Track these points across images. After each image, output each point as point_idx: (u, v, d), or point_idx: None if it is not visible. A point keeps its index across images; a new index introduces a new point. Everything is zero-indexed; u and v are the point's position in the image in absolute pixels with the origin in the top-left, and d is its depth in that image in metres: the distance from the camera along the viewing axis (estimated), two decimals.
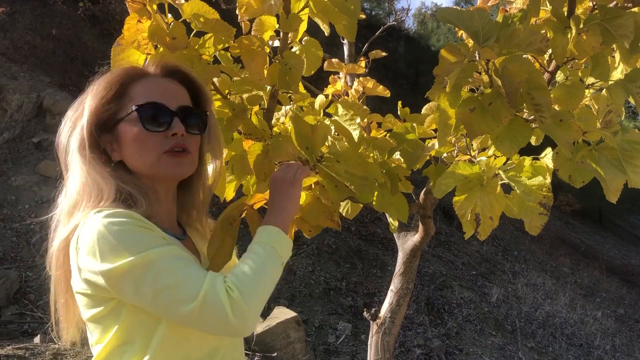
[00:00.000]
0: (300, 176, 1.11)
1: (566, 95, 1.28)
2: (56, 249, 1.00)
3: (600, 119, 1.30)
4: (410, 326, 5.30)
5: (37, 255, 4.65)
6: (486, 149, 1.57)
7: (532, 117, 1.24)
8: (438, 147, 1.51)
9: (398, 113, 1.76)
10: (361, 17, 1.33)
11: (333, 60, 1.91)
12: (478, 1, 1.71)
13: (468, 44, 1.29)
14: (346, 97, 1.91)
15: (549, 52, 1.29)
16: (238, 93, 1.38)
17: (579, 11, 1.28)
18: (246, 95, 1.40)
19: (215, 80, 1.35)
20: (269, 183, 1.13)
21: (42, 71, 6.60)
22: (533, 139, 1.42)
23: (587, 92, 1.40)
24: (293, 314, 4.06)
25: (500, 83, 1.14)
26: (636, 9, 1.24)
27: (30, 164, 5.65)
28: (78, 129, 1.01)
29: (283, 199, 1.08)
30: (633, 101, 1.28)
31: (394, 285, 2.09)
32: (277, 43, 1.35)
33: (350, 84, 1.99)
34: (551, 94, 1.24)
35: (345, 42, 2.91)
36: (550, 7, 1.26)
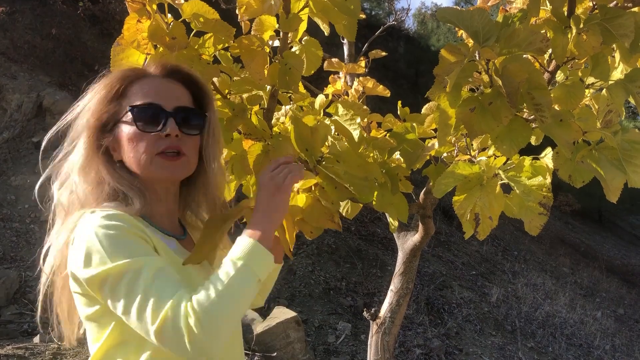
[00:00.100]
0: (290, 181, 1.02)
1: (566, 95, 1.28)
2: (57, 250, 1.01)
3: (600, 119, 1.30)
4: (410, 326, 5.29)
5: (37, 255, 4.63)
6: (486, 149, 1.57)
7: (532, 117, 1.24)
8: (438, 147, 1.52)
9: (398, 113, 1.76)
10: (361, 17, 1.33)
11: (333, 60, 1.91)
12: (478, 1, 1.71)
13: (468, 44, 1.29)
14: (346, 97, 1.90)
15: (549, 52, 1.29)
16: (238, 93, 1.38)
17: (579, 11, 1.28)
18: (246, 95, 1.40)
19: (215, 80, 1.35)
20: (258, 181, 1.05)
21: (42, 71, 6.60)
22: (533, 139, 1.42)
23: (587, 92, 1.40)
24: (293, 314, 4.06)
25: (500, 83, 1.14)
26: (636, 9, 1.24)
27: (30, 164, 5.65)
28: (80, 129, 1.03)
29: (268, 206, 1.00)
30: (633, 101, 1.28)
31: (394, 285, 2.09)
32: (277, 43, 1.35)
33: (350, 84, 1.99)
34: (551, 94, 1.24)
35: (345, 42, 2.91)
36: (550, 7, 1.26)
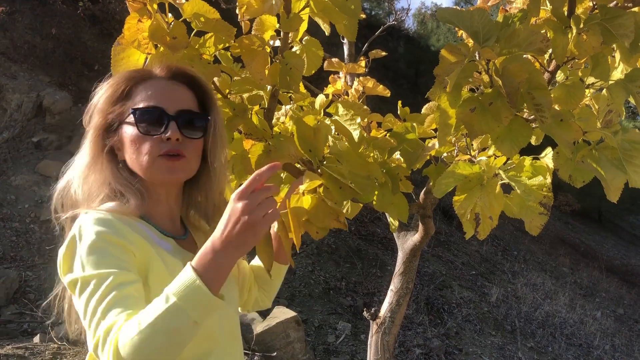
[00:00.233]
0: (268, 221, 0.83)
1: (566, 95, 1.28)
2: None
3: (600, 119, 1.30)
4: (410, 326, 5.30)
5: (37, 254, 4.65)
6: (486, 149, 1.57)
7: (533, 117, 1.24)
8: (438, 147, 1.52)
9: (398, 113, 1.76)
10: (361, 17, 1.33)
11: (333, 59, 1.91)
12: (478, 1, 1.71)
13: (468, 44, 1.29)
14: (346, 97, 1.90)
15: (549, 52, 1.29)
16: (238, 93, 1.38)
17: (579, 11, 1.28)
18: (246, 94, 1.39)
19: (215, 79, 1.35)
20: (230, 199, 0.84)
21: (42, 70, 6.60)
22: (533, 139, 1.42)
23: (588, 92, 1.40)
24: (293, 314, 4.06)
25: (500, 83, 1.14)
26: (636, 9, 1.24)
27: (29, 164, 5.65)
28: (87, 129, 1.05)
29: (232, 240, 0.82)
30: (633, 101, 1.28)
31: (394, 284, 2.09)
32: (278, 43, 1.35)
33: (350, 84, 1.99)
34: (551, 94, 1.24)
35: (345, 42, 2.91)
36: (550, 7, 1.26)
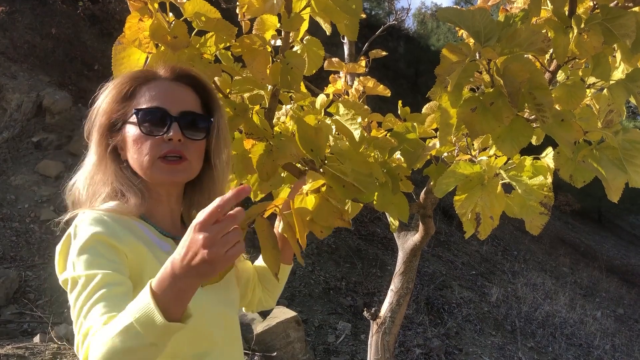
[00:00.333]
0: (232, 257, 0.76)
1: (567, 95, 1.28)
2: None
3: (601, 119, 1.30)
4: (410, 326, 5.29)
5: (37, 254, 4.65)
6: (487, 149, 1.57)
7: (534, 117, 1.24)
8: (439, 147, 1.52)
9: (398, 112, 1.76)
10: (362, 17, 1.33)
11: (333, 59, 1.91)
12: (478, 1, 1.71)
13: (469, 44, 1.29)
14: (346, 97, 1.90)
15: (550, 52, 1.29)
16: (239, 92, 1.38)
17: (580, 11, 1.28)
18: (247, 94, 1.39)
19: (216, 79, 1.35)
20: (191, 225, 0.77)
21: (42, 70, 6.59)
22: (534, 139, 1.42)
23: (588, 92, 1.40)
24: (293, 314, 4.06)
25: (501, 83, 1.14)
26: (637, 9, 1.24)
27: (29, 164, 5.64)
28: (93, 129, 1.06)
29: (192, 268, 0.76)
30: (634, 101, 1.28)
31: (394, 284, 2.09)
32: (279, 42, 1.35)
33: (350, 84, 1.99)
34: (552, 94, 1.24)
35: (345, 42, 2.91)
36: (551, 7, 1.26)
